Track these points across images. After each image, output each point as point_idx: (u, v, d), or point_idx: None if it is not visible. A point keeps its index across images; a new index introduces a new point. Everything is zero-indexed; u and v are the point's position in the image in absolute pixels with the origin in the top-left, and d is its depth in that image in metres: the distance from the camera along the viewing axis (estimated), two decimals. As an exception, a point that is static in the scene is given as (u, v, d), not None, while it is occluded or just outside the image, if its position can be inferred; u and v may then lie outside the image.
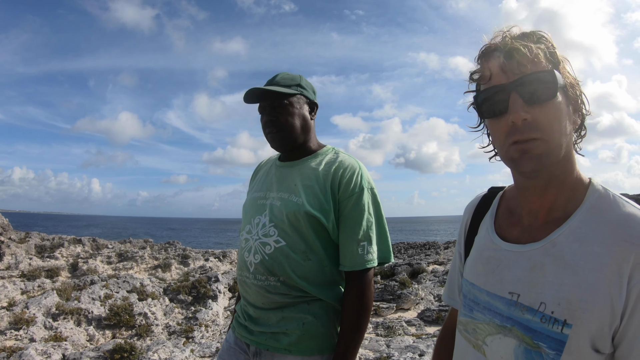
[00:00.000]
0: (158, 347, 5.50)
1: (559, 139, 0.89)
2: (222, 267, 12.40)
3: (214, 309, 7.89)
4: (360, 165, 1.69)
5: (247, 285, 1.69)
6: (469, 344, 1.05)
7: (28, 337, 5.68)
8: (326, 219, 1.61)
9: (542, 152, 0.89)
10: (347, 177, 1.63)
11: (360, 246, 1.59)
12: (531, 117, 0.88)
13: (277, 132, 1.71)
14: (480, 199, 1.21)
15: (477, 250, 1.11)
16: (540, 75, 0.89)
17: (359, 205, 1.61)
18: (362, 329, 1.60)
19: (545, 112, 0.88)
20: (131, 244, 13.37)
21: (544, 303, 0.88)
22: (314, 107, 1.79)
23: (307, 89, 1.77)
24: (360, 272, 1.60)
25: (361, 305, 1.60)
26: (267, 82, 1.74)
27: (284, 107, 1.69)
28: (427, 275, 12.27)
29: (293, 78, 1.75)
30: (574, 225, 0.91)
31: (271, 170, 1.84)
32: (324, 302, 1.64)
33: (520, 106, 0.88)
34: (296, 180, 1.70)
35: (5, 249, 9.35)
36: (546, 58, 0.90)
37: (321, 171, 1.67)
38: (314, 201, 1.62)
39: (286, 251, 1.62)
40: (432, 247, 27.16)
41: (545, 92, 0.88)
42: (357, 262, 1.59)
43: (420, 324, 7.64)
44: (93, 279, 8.14)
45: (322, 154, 1.76)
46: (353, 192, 1.62)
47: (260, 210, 1.73)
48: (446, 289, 1.32)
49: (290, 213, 1.63)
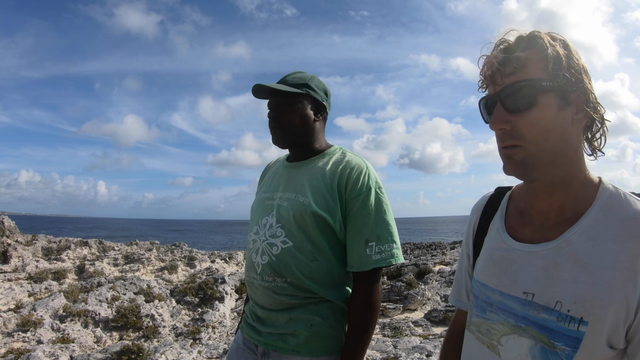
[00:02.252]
0: (165, 349, 5.51)
1: (542, 145, 0.91)
2: (228, 268, 12.42)
3: (221, 311, 7.90)
4: (368, 165, 1.68)
5: (255, 286, 1.68)
6: (483, 345, 1.04)
7: (35, 339, 5.71)
8: (333, 219, 1.60)
9: (522, 159, 0.92)
10: (354, 177, 1.62)
11: (369, 246, 1.57)
12: (510, 126, 0.92)
13: (278, 129, 1.74)
14: (487, 199, 1.21)
15: (488, 250, 1.10)
16: (518, 85, 0.91)
17: (366, 205, 1.60)
18: (369, 330, 1.59)
19: (526, 120, 0.91)
20: (137, 246, 13.41)
21: (559, 302, 0.89)
22: (321, 108, 1.77)
23: (316, 90, 1.75)
24: (368, 272, 1.59)
25: (369, 306, 1.59)
26: (279, 80, 1.77)
27: (287, 106, 1.72)
28: (434, 275, 12.25)
29: (303, 78, 1.75)
30: (587, 224, 0.92)
31: (279, 171, 1.84)
32: (332, 303, 1.63)
33: (501, 116, 0.93)
34: (303, 180, 1.70)
35: (12, 251, 9.39)
36: (540, 61, 0.91)
37: (328, 171, 1.66)
38: (320, 201, 1.61)
39: (293, 252, 1.61)
40: (438, 248, 27.11)
41: (524, 101, 0.91)
42: (365, 262, 1.57)
43: (427, 325, 7.63)
44: (100, 281, 8.17)
45: (329, 154, 1.75)
46: (360, 191, 1.60)
47: (267, 211, 1.73)
48: (453, 290, 1.32)
49: (297, 213, 1.62)
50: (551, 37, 0.93)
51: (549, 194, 0.98)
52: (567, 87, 0.91)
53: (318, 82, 1.77)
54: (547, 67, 0.90)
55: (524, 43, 0.93)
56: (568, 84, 0.90)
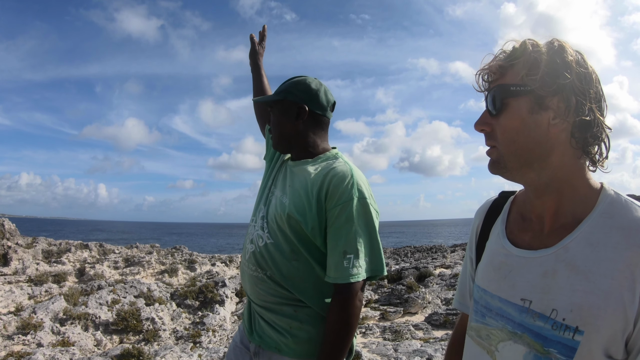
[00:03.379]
0: (166, 352, 5.50)
1: (512, 146, 0.95)
2: (228, 272, 12.40)
3: (221, 314, 7.89)
4: (354, 172, 1.62)
5: (244, 272, 1.74)
6: (483, 350, 1.04)
7: (36, 342, 5.69)
8: (306, 225, 1.58)
9: (496, 159, 0.99)
10: (335, 185, 1.57)
11: (346, 259, 1.53)
12: (490, 128, 1.00)
13: (272, 135, 1.82)
14: (491, 203, 1.21)
15: (488, 255, 1.11)
16: (493, 90, 0.98)
17: (346, 215, 1.55)
18: (340, 343, 1.53)
19: (499, 122, 0.97)
20: (138, 249, 13.39)
21: (555, 310, 0.88)
22: (301, 110, 1.73)
23: (296, 93, 1.72)
24: (344, 285, 1.53)
25: (342, 320, 1.53)
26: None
27: (273, 113, 1.80)
28: (434, 278, 12.22)
29: (289, 83, 1.75)
30: (586, 230, 0.91)
31: (284, 167, 1.86)
32: (311, 309, 1.62)
33: (482, 118, 1.01)
34: (291, 181, 1.72)
35: (13, 254, 9.38)
36: (518, 67, 0.95)
37: (313, 176, 1.64)
38: (298, 204, 1.60)
39: (273, 249, 1.64)
40: (439, 251, 27.09)
41: (497, 105, 0.97)
42: (342, 274, 1.53)
43: (428, 328, 7.61)
44: (100, 284, 8.15)
45: (322, 159, 1.73)
46: (339, 201, 1.56)
47: (264, 202, 1.78)
48: (457, 294, 1.31)
49: (277, 213, 1.65)
50: (536, 43, 0.94)
51: (539, 198, 0.99)
52: (542, 92, 0.91)
53: (303, 85, 1.74)
54: (522, 72, 0.93)
55: (517, 52, 0.96)
56: (543, 88, 0.91)
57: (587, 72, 0.92)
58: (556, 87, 0.90)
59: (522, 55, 0.94)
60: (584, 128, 0.92)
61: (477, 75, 1.03)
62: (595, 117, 0.91)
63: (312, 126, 1.77)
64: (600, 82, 0.94)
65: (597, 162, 0.96)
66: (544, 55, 0.91)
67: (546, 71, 0.90)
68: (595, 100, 0.92)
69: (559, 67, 0.90)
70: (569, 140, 0.93)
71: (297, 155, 1.79)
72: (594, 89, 0.92)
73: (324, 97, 1.77)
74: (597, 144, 0.94)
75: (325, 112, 1.78)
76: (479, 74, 1.02)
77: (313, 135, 1.77)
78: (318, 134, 1.79)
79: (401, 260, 22.02)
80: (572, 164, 0.95)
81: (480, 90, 1.03)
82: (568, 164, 0.94)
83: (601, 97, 0.93)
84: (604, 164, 0.96)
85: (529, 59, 0.92)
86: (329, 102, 1.79)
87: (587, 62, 0.93)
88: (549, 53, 0.92)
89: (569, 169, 0.95)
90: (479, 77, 1.02)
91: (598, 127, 0.92)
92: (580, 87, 0.90)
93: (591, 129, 0.92)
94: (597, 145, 0.94)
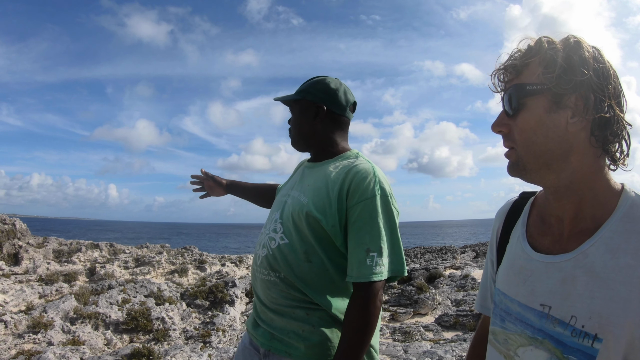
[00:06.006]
0: (176, 352, 5.51)
1: (530, 147, 0.93)
2: (238, 272, 12.42)
3: (231, 314, 7.90)
4: (376, 170, 1.61)
5: (256, 277, 1.72)
6: (500, 354, 1.03)
7: (46, 341, 5.73)
8: (326, 223, 1.55)
9: (514, 160, 0.97)
10: (357, 182, 1.55)
11: (370, 257, 1.49)
12: (507, 129, 0.98)
13: (290, 134, 1.85)
14: (511, 205, 1.18)
15: (508, 259, 1.08)
16: (509, 90, 0.96)
17: (369, 212, 1.52)
18: (359, 344, 1.49)
19: (516, 123, 0.95)
20: (148, 249, 13.46)
21: (574, 316, 0.86)
22: (319, 110, 1.73)
23: (314, 92, 1.73)
24: (366, 284, 1.49)
25: (362, 320, 1.48)
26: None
27: (292, 112, 1.83)
28: (444, 279, 12.16)
29: (308, 83, 1.77)
30: (606, 235, 0.88)
31: (301, 170, 1.87)
32: (325, 312, 1.58)
33: (500, 119, 0.99)
34: (311, 181, 1.70)
35: (24, 253, 9.47)
36: (534, 66, 0.92)
37: (334, 174, 1.63)
38: (318, 203, 1.58)
39: (288, 249, 1.61)
40: (449, 252, 26.97)
41: (514, 105, 0.95)
42: (364, 273, 1.49)
43: (438, 329, 7.57)
44: (110, 284, 8.20)
45: (342, 158, 1.72)
46: (362, 197, 1.53)
47: (278, 207, 1.77)
48: (479, 297, 1.29)
49: (295, 212, 1.63)
50: (552, 40, 0.92)
51: (558, 200, 0.96)
52: (559, 90, 0.88)
53: (321, 85, 1.74)
54: (538, 70, 0.91)
55: (533, 50, 0.93)
56: (560, 86, 0.88)
57: (605, 67, 0.89)
58: (573, 85, 0.87)
59: (538, 53, 0.91)
60: (604, 125, 0.89)
61: (492, 76, 1.01)
62: (614, 114, 0.89)
63: (331, 126, 1.76)
64: (618, 78, 0.91)
65: (618, 160, 0.93)
66: (560, 52, 0.89)
67: (563, 69, 0.88)
68: (614, 96, 0.89)
69: (576, 64, 0.88)
70: (589, 139, 0.90)
71: (315, 155, 1.80)
72: (612, 85, 0.89)
73: (343, 97, 1.75)
74: (618, 142, 0.92)
75: (344, 112, 1.76)
76: (494, 74, 1.00)
77: (332, 135, 1.77)
78: (337, 134, 1.78)
79: (411, 261, 21.94)
80: (592, 163, 0.92)
81: (496, 91, 1.01)
82: (588, 164, 0.92)
83: (620, 92, 0.90)
84: (625, 162, 0.93)
85: (545, 57, 0.90)
86: (349, 102, 1.77)
87: (604, 57, 0.90)
88: (565, 50, 0.89)
89: (589, 170, 0.92)
90: (495, 77, 1.00)
91: (618, 123, 0.90)
92: (598, 83, 0.88)
93: (611, 126, 0.89)
94: (618, 142, 0.92)
